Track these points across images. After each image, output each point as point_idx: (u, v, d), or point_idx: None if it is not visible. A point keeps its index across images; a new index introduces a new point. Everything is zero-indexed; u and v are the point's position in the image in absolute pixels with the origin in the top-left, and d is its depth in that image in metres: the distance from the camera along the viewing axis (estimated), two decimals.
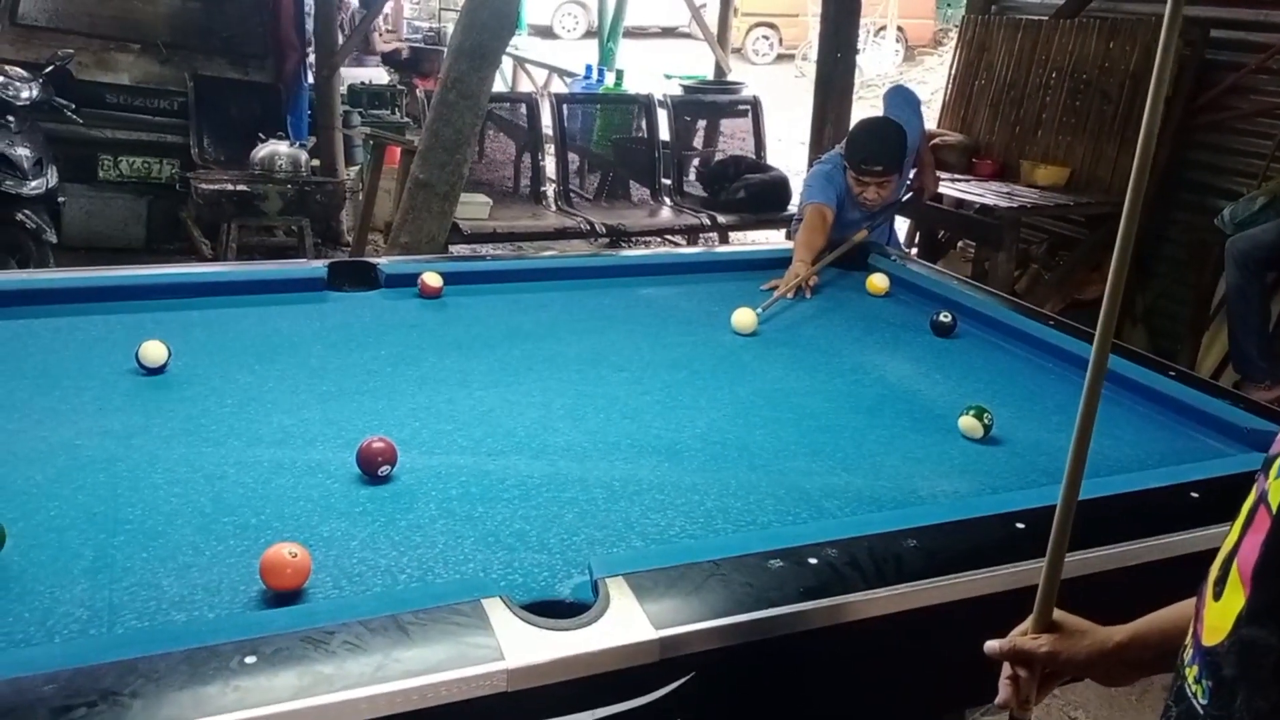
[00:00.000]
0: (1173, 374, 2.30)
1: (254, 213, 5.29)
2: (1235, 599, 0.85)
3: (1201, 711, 0.87)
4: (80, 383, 1.99)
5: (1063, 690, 2.78)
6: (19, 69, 4.85)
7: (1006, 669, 1.17)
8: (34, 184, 4.52)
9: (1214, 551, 0.92)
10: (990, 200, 4.85)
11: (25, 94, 4.65)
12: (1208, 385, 2.32)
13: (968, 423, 2.00)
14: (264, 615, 1.28)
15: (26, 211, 4.49)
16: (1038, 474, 1.86)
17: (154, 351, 2.05)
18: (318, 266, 2.69)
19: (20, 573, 1.36)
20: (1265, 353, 4.03)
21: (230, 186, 5.24)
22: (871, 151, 3.39)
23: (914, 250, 5.68)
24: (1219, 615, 0.87)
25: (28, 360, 2.08)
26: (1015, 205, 4.77)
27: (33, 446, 1.72)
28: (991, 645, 1.17)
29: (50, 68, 4.94)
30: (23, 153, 4.52)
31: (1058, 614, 1.16)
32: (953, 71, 5.94)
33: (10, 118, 4.59)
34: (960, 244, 5.94)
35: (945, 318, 2.64)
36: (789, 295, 2.85)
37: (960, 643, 1.23)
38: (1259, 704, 0.82)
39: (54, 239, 4.61)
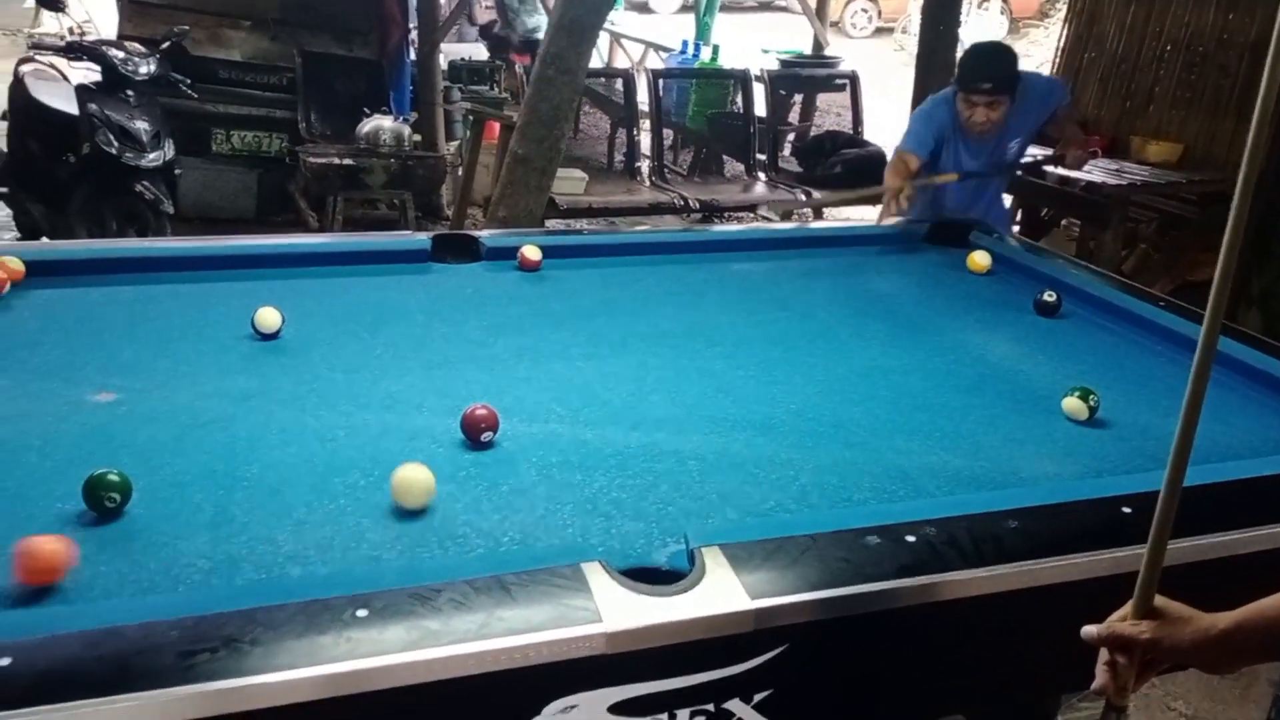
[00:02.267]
0: None
1: (359, 186, 5.42)
2: None
3: None
4: (198, 347, 2.08)
5: (1162, 680, 2.72)
6: (138, 45, 5.03)
7: (1104, 655, 1.15)
8: (152, 156, 4.69)
9: None
10: (1097, 177, 4.70)
11: (144, 69, 4.82)
12: None
13: (1072, 404, 1.96)
14: (374, 570, 1.33)
15: (145, 183, 4.67)
16: (1145, 459, 1.81)
17: (269, 318, 2.12)
18: (422, 239, 2.75)
19: (146, 525, 1.44)
20: None
21: (337, 160, 5.38)
22: (980, 70, 3.35)
23: (1016, 228, 5.54)
24: None
25: (149, 324, 2.18)
26: (1124, 183, 4.63)
27: (155, 407, 1.80)
28: (1089, 630, 1.15)
29: (166, 44, 5.11)
30: (142, 126, 4.70)
31: (1159, 600, 1.13)
32: (1061, 44, 5.76)
33: (130, 92, 4.77)
34: (1064, 222, 5.78)
35: (1050, 297, 2.58)
36: (892, 210, 3.16)
37: (1060, 627, 1.21)
38: None
39: (171, 209, 4.77)
